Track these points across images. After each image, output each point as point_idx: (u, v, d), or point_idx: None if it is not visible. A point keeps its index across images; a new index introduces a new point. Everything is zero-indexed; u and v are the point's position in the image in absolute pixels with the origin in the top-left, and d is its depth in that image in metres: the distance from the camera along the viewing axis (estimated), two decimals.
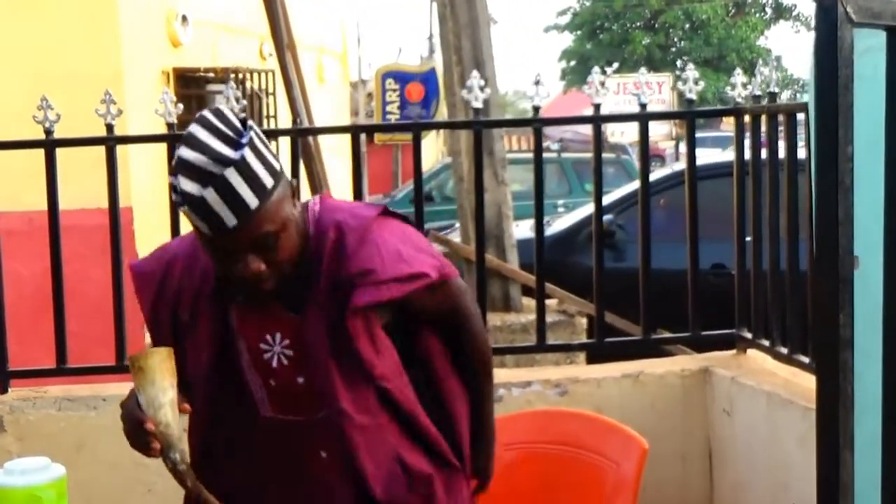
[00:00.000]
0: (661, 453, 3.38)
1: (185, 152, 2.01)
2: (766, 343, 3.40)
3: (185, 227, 3.90)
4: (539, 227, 3.63)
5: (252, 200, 2.00)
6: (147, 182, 6.21)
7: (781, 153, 3.29)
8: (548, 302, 3.85)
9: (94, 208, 5.42)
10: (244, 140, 2.02)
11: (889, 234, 1.72)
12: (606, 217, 3.85)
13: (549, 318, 3.83)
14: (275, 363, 2.20)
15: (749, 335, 3.54)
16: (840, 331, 1.58)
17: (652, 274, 3.60)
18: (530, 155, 3.78)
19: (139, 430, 2.08)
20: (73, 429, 3.35)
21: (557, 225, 8.43)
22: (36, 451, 3.29)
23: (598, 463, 2.97)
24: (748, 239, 3.55)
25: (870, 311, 1.76)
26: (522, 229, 8.19)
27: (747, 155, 3.53)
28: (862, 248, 1.65)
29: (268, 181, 2.03)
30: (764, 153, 3.41)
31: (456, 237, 8.39)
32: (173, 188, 2.02)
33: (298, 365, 2.19)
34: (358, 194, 3.63)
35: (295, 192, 2.14)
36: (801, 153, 3.19)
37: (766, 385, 3.20)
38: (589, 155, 12.99)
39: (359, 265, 2.12)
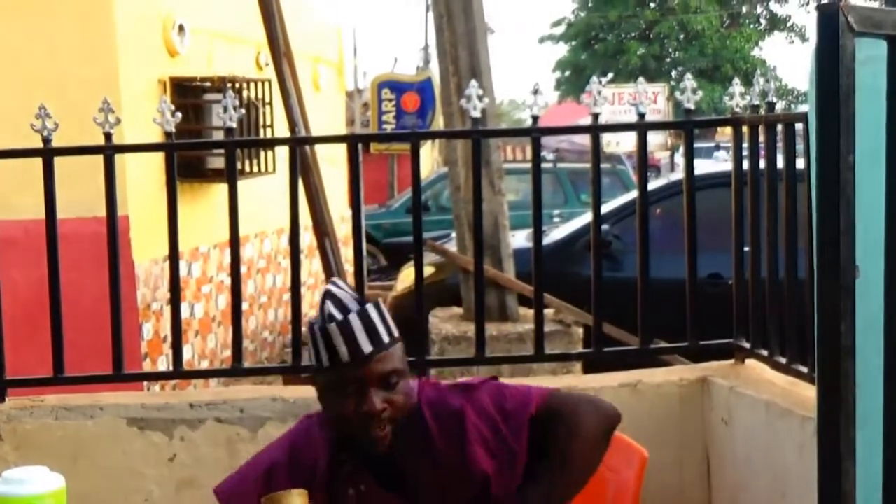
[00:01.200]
0: (660, 462, 3.37)
1: (333, 288, 2.32)
2: (765, 353, 3.40)
3: (185, 238, 3.90)
4: (537, 236, 3.63)
5: (385, 336, 2.27)
6: (143, 191, 6.21)
7: (780, 163, 3.30)
8: (545, 312, 3.85)
9: (90, 217, 5.44)
10: (372, 304, 2.32)
11: (890, 244, 1.71)
12: (603, 227, 3.86)
13: (545, 328, 3.82)
14: None
15: (747, 345, 3.54)
16: (841, 339, 1.58)
17: (649, 284, 3.60)
18: (526, 165, 3.80)
19: None
20: (70, 438, 3.34)
21: (554, 235, 8.44)
22: (33, 460, 3.29)
23: (599, 471, 2.96)
24: (746, 249, 3.55)
25: (871, 320, 1.77)
26: (518, 239, 8.19)
27: (745, 165, 3.53)
28: (863, 257, 1.65)
29: (395, 331, 2.31)
30: (762, 163, 3.42)
31: (452, 247, 8.39)
32: (320, 317, 2.28)
33: None
34: (356, 204, 3.63)
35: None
36: (800, 163, 3.19)
37: (765, 394, 3.20)
38: (585, 165, 13.03)
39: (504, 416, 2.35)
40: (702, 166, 7.28)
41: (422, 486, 2.33)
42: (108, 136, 3.46)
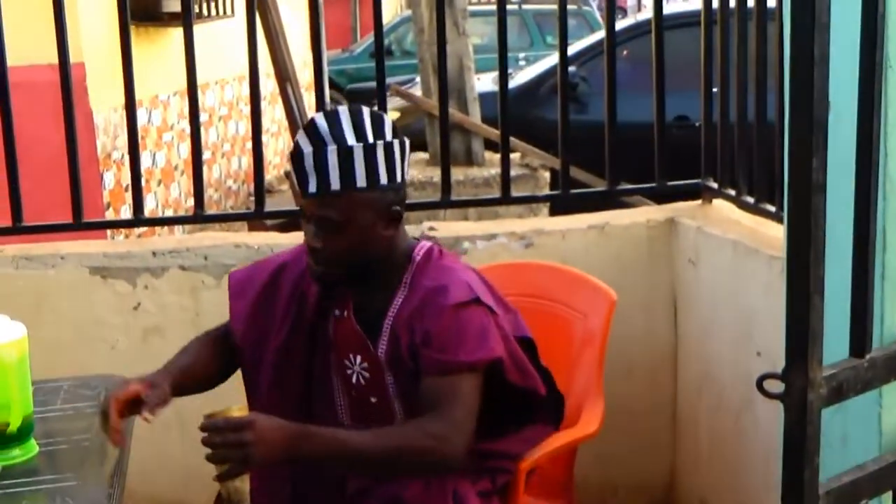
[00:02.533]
0: (627, 304, 3.38)
1: (318, 117, 2.29)
2: (732, 192, 3.38)
3: (144, 86, 3.80)
4: (503, 78, 3.56)
5: (335, 183, 2.24)
6: (99, 37, 6.04)
7: (750, 2, 3.22)
8: (511, 156, 3.80)
9: (45, 64, 5.29)
10: (367, 142, 2.26)
11: (864, 74, 1.67)
12: (569, 69, 3.79)
13: (512, 172, 3.79)
14: (354, 380, 2.42)
15: (715, 185, 3.52)
16: (813, 175, 1.54)
17: (616, 126, 3.56)
18: (491, 7, 3.69)
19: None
20: (32, 287, 3.30)
21: (520, 78, 8.35)
22: None
23: (566, 315, 2.97)
24: (715, 90, 3.51)
25: (842, 157, 1.74)
26: (484, 82, 8.10)
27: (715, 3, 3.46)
28: (834, 92, 1.60)
29: (361, 182, 2.25)
30: (732, 1, 3.34)
31: (417, 91, 8.29)
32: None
33: (371, 386, 2.40)
34: (316, 48, 3.53)
35: (396, 221, 2.33)
36: (771, 1, 3.12)
37: (732, 234, 3.20)
38: (551, 7, 12.84)
39: (438, 341, 2.27)
40: (670, 7, 7.17)
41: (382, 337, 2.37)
42: None
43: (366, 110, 2.32)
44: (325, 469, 2.37)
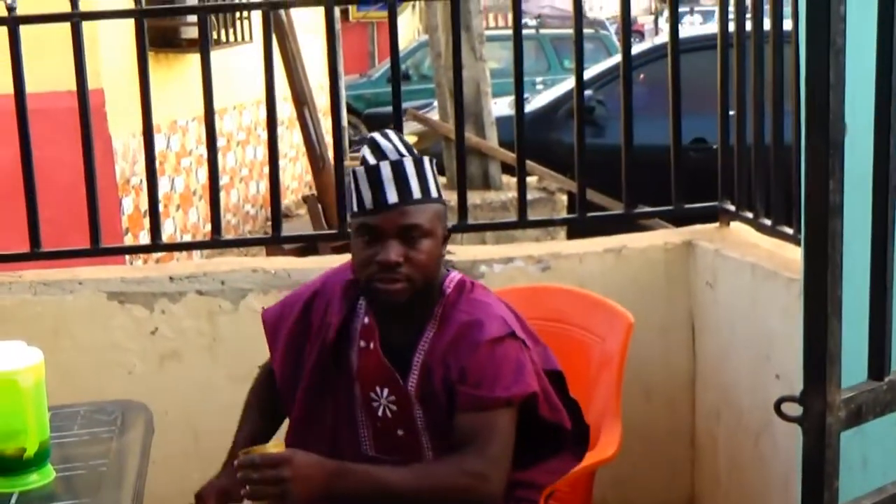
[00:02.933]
0: (645, 327, 3.38)
1: (377, 136, 2.28)
2: (750, 215, 3.37)
3: (162, 112, 3.82)
4: (519, 102, 3.56)
5: (417, 192, 2.23)
6: (119, 63, 6.08)
7: (766, 25, 3.22)
8: (528, 179, 3.80)
9: (65, 91, 5.33)
10: (424, 158, 2.28)
11: (880, 97, 1.67)
12: (586, 93, 3.78)
13: (529, 196, 3.79)
14: (380, 413, 2.37)
15: (732, 207, 3.51)
16: (829, 197, 1.54)
17: (632, 149, 3.55)
18: (508, 32, 3.69)
19: None
20: (50, 313, 3.31)
21: (536, 102, 8.36)
22: (13, 336, 3.25)
23: (584, 338, 2.97)
24: (731, 113, 3.50)
25: (858, 177, 1.73)
26: (501, 107, 8.12)
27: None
28: (850, 114, 1.60)
29: (433, 192, 2.27)
30: (748, 24, 3.34)
31: (434, 116, 8.31)
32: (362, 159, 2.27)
33: (399, 419, 2.35)
34: (333, 72, 3.55)
35: (446, 241, 2.34)
36: (787, 24, 3.12)
37: (750, 257, 3.18)
38: (568, 31, 12.86)
39: (474, 377, 2.24)
40: (687, 30, 7.17)
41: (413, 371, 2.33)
42: (73, 2, 3.35)
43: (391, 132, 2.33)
44: None
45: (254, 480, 2.04)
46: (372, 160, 2.24)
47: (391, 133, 2.30)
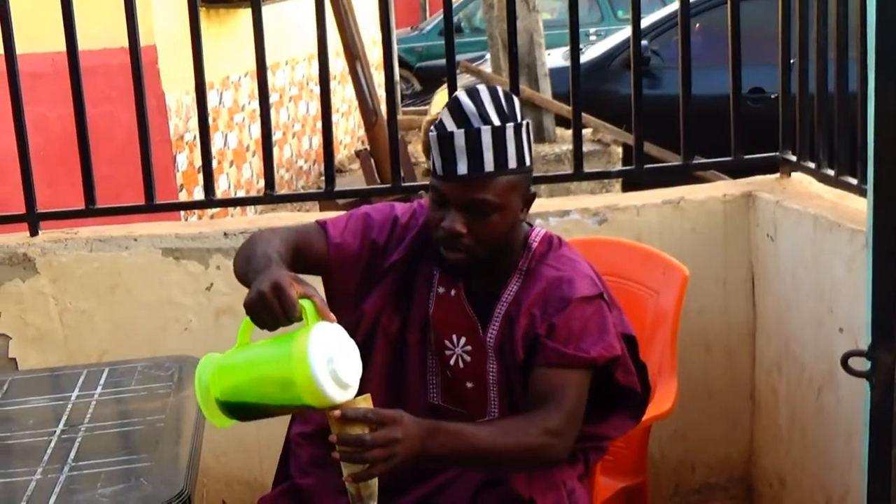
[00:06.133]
0: (703, 279, 3.34)
1: (462, 96, 2.16)
2: (812, 165, 3.30)
3: (215, 67, 3.81)
4: (575, 53, 3.51)
5: (490, 164, 2.13)
6: (171, 20, 6.08)
7: None
8: (583, 132, 3.75)
9: (118, 47, 5.34)
10: (513, 121, 2.15)
11: None
12: (642, 43, 3.71)
13: (584, 148, 3.73)
14: (452, 362, 2.32)
15: (793, 158, 3.44)
16: None
17: (690, 100, 3.49)
18: None
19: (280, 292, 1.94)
20: (106, 269, 3.32)
21: (591, 53, 8.27)
22: (70, 293, 3.30)
23: (639, 292, 2.93)
24: (792, 61, 3.42)
25: None
26: (554, 58, 8.04)
27: None
28: None
29: (512, 163, 2.15)
30: None
31: (487, 68, 8.25)
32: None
33: (470, 371, 2.31)
34: (385, 25, 3.51)
35: (528, 205, 2.26)
36: None
37: (812, 208, 3.12)
38: None
39: (562, 333, 2.20)
40: None
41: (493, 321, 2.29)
42: None
43: (500, 89, 2.21)
44: (445, 465, 2.26)
45: (364, 442, 1.89)
46: (448, 126, 2.15)
47: (483, 92, 2.18)
